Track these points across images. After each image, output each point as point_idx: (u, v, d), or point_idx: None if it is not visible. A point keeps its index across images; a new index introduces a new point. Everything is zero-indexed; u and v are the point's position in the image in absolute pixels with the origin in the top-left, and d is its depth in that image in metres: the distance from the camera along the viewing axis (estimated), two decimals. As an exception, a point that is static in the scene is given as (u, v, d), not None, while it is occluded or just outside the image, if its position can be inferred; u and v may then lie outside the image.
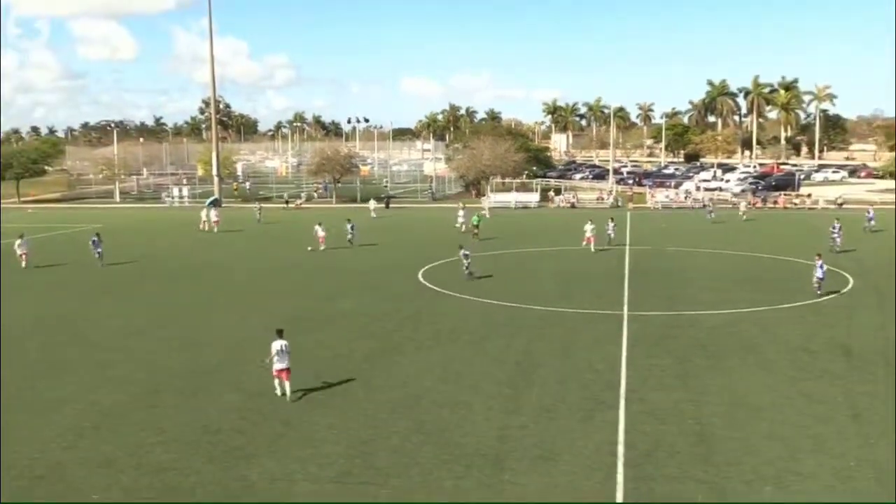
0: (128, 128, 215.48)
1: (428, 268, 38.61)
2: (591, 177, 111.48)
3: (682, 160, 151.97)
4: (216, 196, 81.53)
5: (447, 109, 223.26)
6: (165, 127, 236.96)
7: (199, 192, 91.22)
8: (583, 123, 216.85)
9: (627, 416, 18.18)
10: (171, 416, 18.50)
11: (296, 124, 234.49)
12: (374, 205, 69.32)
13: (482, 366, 22.37)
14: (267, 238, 54.15)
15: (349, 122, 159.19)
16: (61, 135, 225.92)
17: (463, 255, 35.46)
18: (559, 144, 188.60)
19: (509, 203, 75.42)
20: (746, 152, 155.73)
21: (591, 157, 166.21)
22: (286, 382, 19.41)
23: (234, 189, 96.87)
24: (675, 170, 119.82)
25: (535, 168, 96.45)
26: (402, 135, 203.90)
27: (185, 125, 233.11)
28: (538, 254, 44.92)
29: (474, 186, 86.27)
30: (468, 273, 35.13)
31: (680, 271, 38.22)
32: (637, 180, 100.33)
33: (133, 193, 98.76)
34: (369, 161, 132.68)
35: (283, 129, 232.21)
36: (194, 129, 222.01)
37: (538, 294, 32.38)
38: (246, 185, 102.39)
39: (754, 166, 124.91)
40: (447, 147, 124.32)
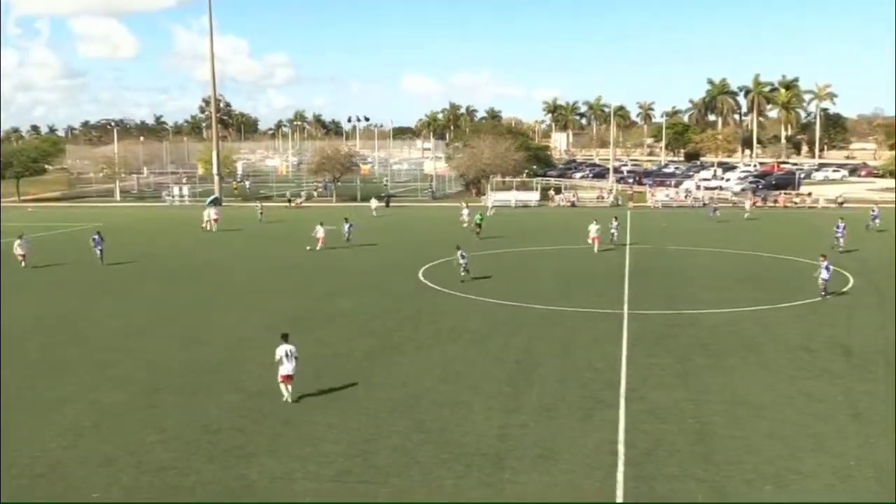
0: (128, 126, 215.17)
1: (428, 267, 38.60)
2: (591, 176, 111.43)
3: (682, 159, 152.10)
4: (216, 195, 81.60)
5: (447, 108, 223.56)
6: (166, 125, 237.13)
7: (200, 190, 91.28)
8: (583, 122, 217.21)
9: (628, 415, 18.19)
10: (171, 416, 18.50)
11: (296, 123, 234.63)
12: (375, 203, 69.76)
13: (482, 365, 22.37)
14: (269, 237, 54.13)
15: (349, 121, 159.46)
16: (61, 133, 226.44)
17: (460, 255, 35.04)
18: (559, 143, 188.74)
19: (509, 202, 75.45)
20: (747, 151, 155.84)
21: (592, 156, 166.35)
22: (288, 387, 19.02)
23: (234, 188, 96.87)
24: (676, 169, 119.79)
25: (535, 167, 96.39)
26: (402, 134, 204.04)
27: (186, 124, 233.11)
28: (538, 252, 44.90)
29: (474, 185, 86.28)
30: (464, 273, 34.72)
31: (680, 270, 38.22)
32: (637, 179, 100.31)
33: (133, 192, 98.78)
34: (369, 160, 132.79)
35: (283, 127, 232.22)
36: (195, 128, 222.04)
37: (538, 293, 32.37)
38: (245, 183, 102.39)
39: (754, 165, 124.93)
40: (447, 146, 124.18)
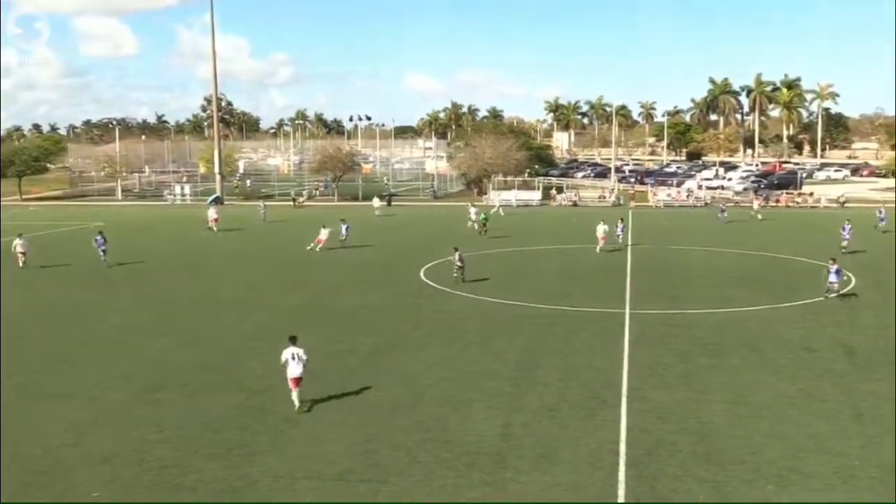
0: (130, 125, 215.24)
1: (430, 265, 38.59)
2: (593, 175, 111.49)
3: (684, 158, 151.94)
4: (218, 194, 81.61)
5: (449, 107, 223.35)
6: (167, 124, 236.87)
7: (201, 189, 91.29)
8: (585, 122, 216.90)
9: (629, 414, 18.16)
10: (172, 414, 18.50)
11: (297, 122, 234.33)
12: (377, 203, 69.93)
13: (484, 364, 22.36)
14: (271, 237, 54.12)
15: (351, 120, 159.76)
16: (63, 132, 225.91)
17: (458, 256, 34.59)
18: (561, 143, 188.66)
19: (511, 201, 75.46)
20: (748, 151, 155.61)
21: (593, 156, 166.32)
22: (294, 391, 18.38)
23: (235, 186, 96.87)
24: (677, 168, 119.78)
25: (536, 166, 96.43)
26: (403, 133, 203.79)
27: (187, 123, 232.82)
28: (540, 252, 44.89)
29: (476, 185, 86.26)
30: (456, 275, 34.19)
31: (682, 269, 38.18)
32: (639, 179, 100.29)
33: (135, 191, 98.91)
34: (371, 159, 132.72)
35: (284, 126, 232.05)
36: (196, 127, 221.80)
37: (540, 292, 32.34)
38: (246, 182, 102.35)
39: (756, 165, 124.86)
40: (449, 145, 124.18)
